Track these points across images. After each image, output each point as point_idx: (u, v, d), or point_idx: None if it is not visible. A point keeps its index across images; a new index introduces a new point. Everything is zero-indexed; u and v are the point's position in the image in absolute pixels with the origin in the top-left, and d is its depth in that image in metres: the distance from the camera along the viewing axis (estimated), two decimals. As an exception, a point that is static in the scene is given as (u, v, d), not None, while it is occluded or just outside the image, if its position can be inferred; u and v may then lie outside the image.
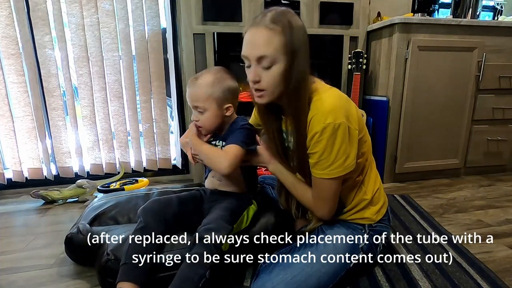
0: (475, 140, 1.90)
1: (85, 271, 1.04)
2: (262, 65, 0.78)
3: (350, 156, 0.83)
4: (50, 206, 1.60)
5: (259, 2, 1.71)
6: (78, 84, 1.76)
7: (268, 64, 0.77)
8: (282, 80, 0.79)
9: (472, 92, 1.80)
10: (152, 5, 1.76)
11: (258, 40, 0.76)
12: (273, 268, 0.86)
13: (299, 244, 0.93)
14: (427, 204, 1.54)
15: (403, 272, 0.99)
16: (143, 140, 1.94)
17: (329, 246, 0.89)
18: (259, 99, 0.84)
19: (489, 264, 1.04)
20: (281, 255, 0.90)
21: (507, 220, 1.37)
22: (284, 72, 0.78)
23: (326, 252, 0.87)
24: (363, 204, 0.94)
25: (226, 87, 0.97)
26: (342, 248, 0.89)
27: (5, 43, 1.61)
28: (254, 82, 0.80)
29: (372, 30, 1.87)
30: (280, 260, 0.88)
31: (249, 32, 0.79)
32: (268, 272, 0.85)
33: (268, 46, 0.76)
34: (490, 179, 1.91)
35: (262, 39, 0.76)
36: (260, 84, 0.80)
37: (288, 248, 0.93)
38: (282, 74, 0.78)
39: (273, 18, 0.76)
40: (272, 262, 0.88)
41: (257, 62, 0.78)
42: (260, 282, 0.83)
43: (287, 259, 0.87)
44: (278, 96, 0.83)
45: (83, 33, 1.69)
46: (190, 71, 1.72)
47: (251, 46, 0.78)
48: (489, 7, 2.16)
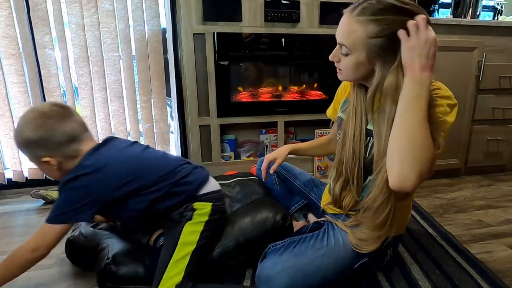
0: (475, 140, 1.90)
1: (85, 271, 1.04)
2: (342, 52, 0.79)
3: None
4: (50, 206, 1.60)
5: (259, 2, 1.71)
6: (78, 84, 1.76)
7: (345, 53, 0.78)
8: (356, 69, 0.79)
9: (472, 92, 1.80)
10: (152, 5, 1.76)
11: (344, 26, 0.76)
12: (283, 252, 0.87)
13: (308, 235, 0.93)
14: (427, 204, 1.54)
15: (403, 272, 0.99)
16: (143, 140, 1.94)
17: (339, 245, 0.89)
18: (338, 75, 0.85)
19: (489, 264, 1.04)
20: (292, 242, 0.90)
21: (507, 220, 1.37)
22: (358, 63, 0.77)
23: (336, 250, 0.88)
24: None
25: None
26: (351, 249, 0.89)
27: (5, 43, 1.61)
28: (333, 60, 0.83)
29: (372, 30, 1.87)
30: (290, 246, 0.88)
31: (343, 17, 0.78)
32: (278, 255, 0.86)
33: (349, 37, 0.75)
34: (490, 179, 1.91)
35: (348, 27, 0.75)
36: (338, 64, 0.83)
37: (297, 237, 0.93)
38: (355, 65, 0.78)
39: (366, 9, 0.73)
40: (282, 246, 0.89)
41: (339, 45, 0.79)
42: (270, 262, 0.84)
43: (299, 247, 0.88)
44: (352, 79, 0.85)
45: (83, 33, 1.69)
46: (190, 71, 1.73)
47: (338, 30, 0.79)
48: (489, 7, 2.16)
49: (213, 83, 1.75)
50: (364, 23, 0.72)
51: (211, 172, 1.06)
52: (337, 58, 0.82)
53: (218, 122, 1.82)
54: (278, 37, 1.76)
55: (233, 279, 0.97)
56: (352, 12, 0.74)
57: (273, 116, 1.89)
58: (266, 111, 1.88)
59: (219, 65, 1.73)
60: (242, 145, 2.01)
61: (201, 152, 1.85)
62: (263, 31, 1.74)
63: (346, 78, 0.85)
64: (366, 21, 0.72)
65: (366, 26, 0.72)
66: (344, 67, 0.81)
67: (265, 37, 1.75)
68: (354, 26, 0.73)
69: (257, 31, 1.74)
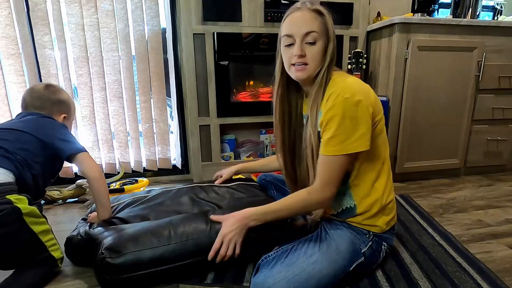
0: (475, 140, 1.90)
1: (85, 271, 1.04)
2: (307, 40, 0.86)
3: (366, 134, 0.84)
4: (50, 206, 1.60)
5: (259, 2, 1.71)
6: (77, 84, 1.76)
7: (313, 40, 0.86)
8: (321, 56, 0.89)
9: (472, 92, 1.80)
10: (152, 5, 1.76)
11: (305, 18, 0.86)
12: (274, 264, 0.86)
13: (301, 242, 0.93)
14: (427, 204, 1.54)
15: (403, 272, 0.99)
16: (143, 140, 1.94)
17: (331, 248, 0.89)
18: (299, 73, 0.89)
19: (489, 264, 1.04)
20: (283, 252, 0.90)
21: (507, 220, 1.37)
22: (323, 49, 0.88)
23: (328, 254, 0.87)
24: (377, 207, 0.92)
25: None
26: (344, 251, 0.89)
27: (5, 43, 1.61)
28: (299, 56, 0.87)
29: (372, 30, 1.87)
30: (282, 257, 0.88)
31: (293, 15, 0.88)
32: (269, 268, 0.85)
33: (313, 24, 0.86)
34: (490, 179, 1.91)
35: (309, 18, 0.86)
36: (304, 58, 0.88)
37: (290, 246, 0.93)
38: (322, 51, 0.88)
39: (313, 4, 0.89)
40: (274, 258, 0.89)
41: (302, 38, 0.86)
42: (261, 277, 0.83)
43: (290, 257, 0.87)
44: (313, 73, 0.90)
45: (83, 33, 1.69)
46: (190, 71, 1.73)
47: (298, 24, 0.87)
48: (489, 7, 2.16)
49: (213, 83, 1.75)
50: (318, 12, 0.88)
51: (211, 172, 1.06)
52: (303, 51, 0.87)
53: (218, 122, 1.82)
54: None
55: (233, 281, 0.97)
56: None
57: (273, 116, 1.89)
58: (266, 111, 1.88)
59: (219, 65, 1.73)
60: (242, 145, 2.01)
61: (201, 152, 1.85)
62: (263, 31, 1.74)
63: (310, 73, 0.89)
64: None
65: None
66: (313, 58, 0.88)
67: (265, 37, 1.75)
68: (312, 14, 0.87)
69: (257, 31, 1.74)
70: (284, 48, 0.91)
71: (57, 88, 1.23)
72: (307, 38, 0.86)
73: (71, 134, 1.15)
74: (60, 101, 1.20)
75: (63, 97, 1.22)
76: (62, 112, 1.20)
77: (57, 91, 1.21)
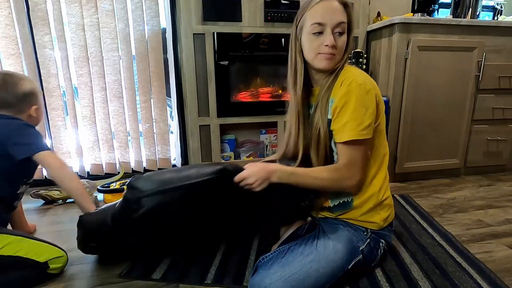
0: (475, 140, 1.90)
1: (85, 271, 1.04)
2: (337, 30, 0.87)
3: (371, 124, 0.86)
4: (50, 206, 1.60)
5: (259, 2, 1.71)
6: (78, 84, 1.76)
7: (342, 30, 0.88)
8: (345, 47, 0.91)
9: (472, 92, 1.80)
10: (152, 5, 1.76)
11: (337, 8, 0.87)
12: (272, 264, 0.86)
13: (298, 242, 0.93)
14: (427, 204, 1.54)
15: (403, 272, 0.99)
16: (143, 140, 1.95)
17: (329, 247, 0.89)
18: (327, 61, 0.89)
19: (489, 264, 1.04)
20: (281, 252, 0.90)
21: (507, 220, 1.37)
22: (348, 40, 0.91)
23: (325, 253, 0.87)
24: (372, 202, 0.93)
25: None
26: (342, 250, 0.89)
27: (5, 43, 1.61)
28: (332, 46, 0.87)
29: (372, 30, 1.87)
30: (279, 257, 0.88)
31: (324, 3, 0.87)
32: (267, 268, 0.85)
33: (343, 14, 0.88)
34: (490, 179, 1.91)
35: (340, 8, 0.87)
36: (335, 49, 0.88)
37: (287, 246, 0.93)
38: (346, 42, 0.90)
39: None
40: (271, 258, 0.89)
41: (333, 28, 0.87)
42: (258, 277, 0.84)
43: (287, 257, 0.87)
44: (337, 63, 0.91)
45: (83, 33, 1.69)
46: (190, 71, 1.73)
47: (331, 13, 0.86)
48: (489, 7, 2.16)
49: (213, 83, 1.75)
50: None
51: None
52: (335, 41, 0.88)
53: (218, 122, 1.82)
54: (278, 37, 1.76)
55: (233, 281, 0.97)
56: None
57: (273, 116, 1.90)
58: (266, 111, 1.89)
59: (219, 65, 1.74)
60: (242, 145, 2.01)
61: (201, 152, 1.85)
62: (263, 31, 1.74)
63: (336, 63, 0.91)
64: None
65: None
66: (340, 49, 0.89)
67: (265, 37, 1.75)
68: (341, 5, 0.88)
69: (257, 31, 1.74)
70: (311, 36, 0.88)
71: (15, 78, 1.07)
72: (337, 28, 0.87)
73: (33, 133, 1.04)
74: (25, 94, 1.07)
75: (26, 87, 1.07)
76: (32, 104, 1.09)
77: (17, 83, 1.06)
